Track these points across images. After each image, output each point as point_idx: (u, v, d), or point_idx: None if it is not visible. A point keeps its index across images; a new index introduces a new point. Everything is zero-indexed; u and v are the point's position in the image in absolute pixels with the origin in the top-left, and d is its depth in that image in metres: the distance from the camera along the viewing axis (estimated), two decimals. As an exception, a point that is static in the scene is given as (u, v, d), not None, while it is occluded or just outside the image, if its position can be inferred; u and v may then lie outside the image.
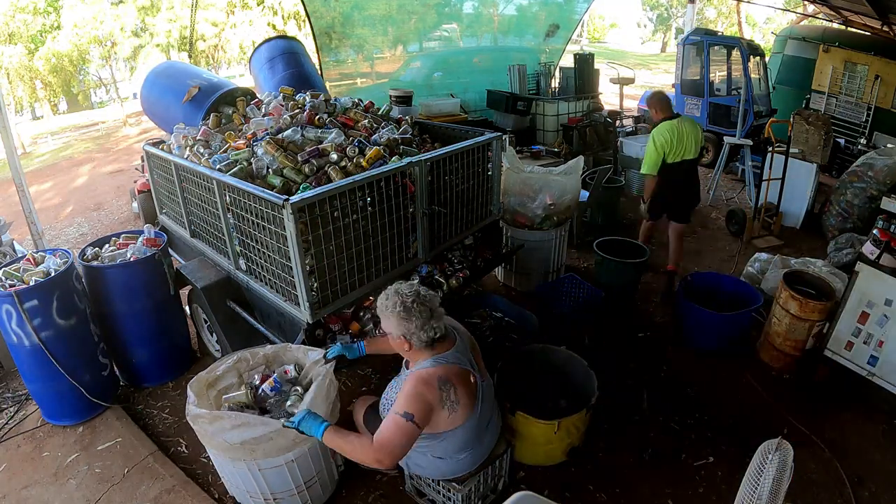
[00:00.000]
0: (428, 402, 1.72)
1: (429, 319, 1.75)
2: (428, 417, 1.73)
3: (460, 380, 1.80)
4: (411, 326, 1.75)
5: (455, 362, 1.82)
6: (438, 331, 1.78)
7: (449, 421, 1.80)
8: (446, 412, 1.77)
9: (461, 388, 1.79)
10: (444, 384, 1.75)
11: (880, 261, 3.09)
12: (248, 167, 2.48)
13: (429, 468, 2.00)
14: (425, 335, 1.76)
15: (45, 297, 2.41)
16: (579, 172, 3.79)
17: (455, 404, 1.77)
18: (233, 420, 1.83)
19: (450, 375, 1.77)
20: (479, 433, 1.95)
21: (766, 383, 2.98)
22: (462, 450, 1.93)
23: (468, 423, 1.85)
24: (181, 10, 14.50)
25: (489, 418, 2.01)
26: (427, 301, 1.78)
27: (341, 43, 5.82)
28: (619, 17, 36.11)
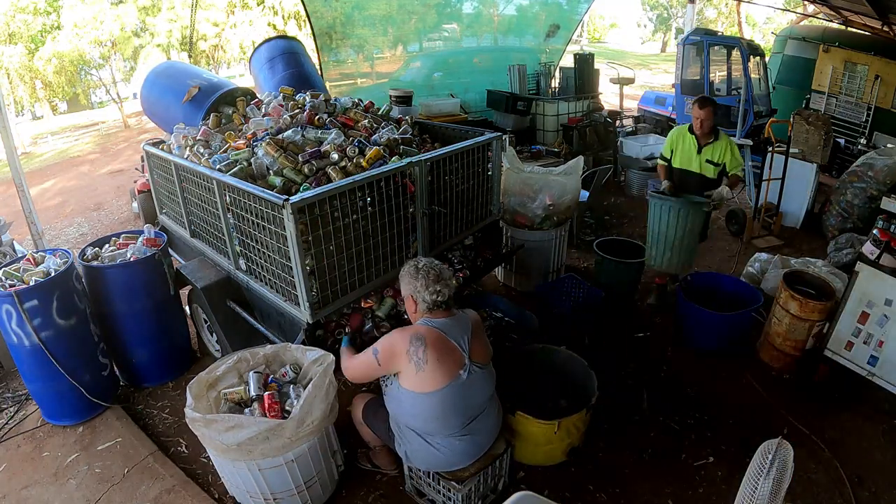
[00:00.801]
0: (394, 348, 1.91)
1: (434, 283, 1.94)
2: (389, 361, 1.92)
3: (437, 345, 1.88)
4: (417, 285, 1.95)
5: (440, 328, 1.93)
6: (441, 296, 1.95)
7: (418, 378, 1.87)
8: (412, 367, 1.87)
9: (434, 352, 1.86)
10: (416, 339, 1.88)
11: (880, 261, 3.09)
12: (248, 167, 2.48)
13: (425, 456, 2.00)
14: (429, 296, 1.94)
15: (45, 297, 2.41)
16: (579, 172, 3.79)
17: (422, 362, 1.86)
18: (227, 422, 1.84)
19: (427, 336, 1.89)
20: (464, 412, 1.95)
21: (766, 383, 2.98)
22: (439, 419, 1.92)
23: (443, 392, 1.88)
24: (181, 10, 14.50)
25: (482, 406, 2.02)
26: (435, 267, 1.99)
27: (341, 43, 5.82)
28: (619, 17, 36.13)
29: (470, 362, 1.94)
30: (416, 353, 1.86)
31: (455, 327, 1.96)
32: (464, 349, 1.94)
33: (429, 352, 1.86)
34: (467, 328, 2.00)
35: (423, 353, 1.85)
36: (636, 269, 3.69)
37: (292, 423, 1.87)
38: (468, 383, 1.93)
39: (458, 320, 2.00)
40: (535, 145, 5.94)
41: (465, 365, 1.93)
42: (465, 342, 1.96)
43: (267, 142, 2.48)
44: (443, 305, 1.97)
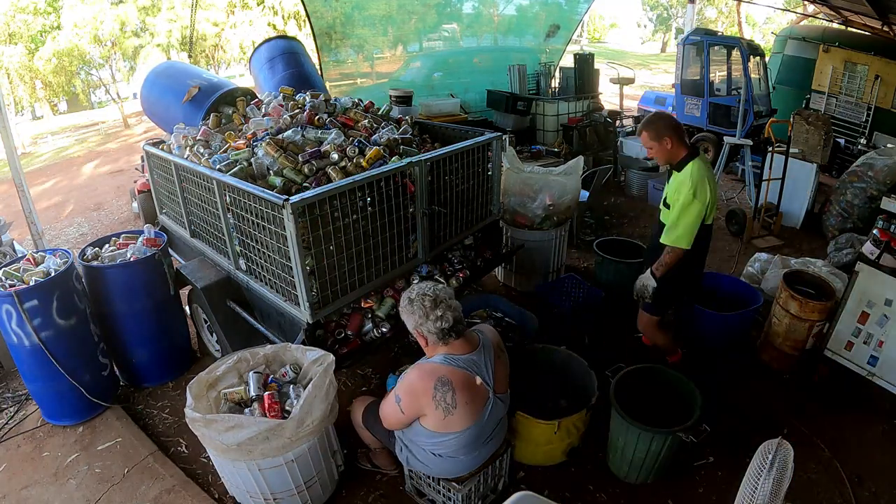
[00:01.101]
0: (417, 396, 1.78)
1: (432, 309, 1.77)
2: (414, 409, 1.81)
3: (464, 385, 1.77)
4: (416, 318, 1.80)
5: (465, 367, 1.80)
6: (446, 321, 1.77)
7: (445, 422, 1.79)
8: (440, 413, 1.77)
9: (462, 394, 1.76)
10: (441, 384, 1.75)
11: (880, 261, 3.09)
12: (248, 167, 2.48)
13: (427, 463, 2.00)
14: (432, 325, 1.78)
15: (45, 297, 2.41)
16: (579, 173, 3.79)
17: (451, 407, 1.76)
18: (226, 422, 1.83)
19: (453, 378, 1.76)
20: (480, 441, 1.95)
21: (766, 383, 2.98)
22: (458, 453, 1.92)
23: (469, 431, 1.84)
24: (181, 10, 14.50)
25: (493, 431, 2.00)
26: (429, 292, 1.81)
27: (341, 43, 5.82)
28: (619, 17, 36.14)
29: (494, 396, 1.87)
30: (444, 400, 1.74)
31: (479, 362, 1.84)
32: (489, 384, 1.84)
33: (457, 396, 1.74)
34: (490, 356, 1.88)
35: (452, 398, 1.74)
36: (636, 269, 3.68)
37: (292, 423, 1.87)
38: (491, 415, 1.89)
39: (482, 351, 1.86)
40: (535, 145, 5.94)
41: (488, 399, 1.85)
42: (490, 375, 1.85)
43: (267, 142, 2.48)
44: (453, 333, 1.80)
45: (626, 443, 2.25)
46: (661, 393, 2.44)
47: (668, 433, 2.15)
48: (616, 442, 2.32)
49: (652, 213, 5.54)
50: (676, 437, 2.17)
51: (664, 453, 2.23)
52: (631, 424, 2.17)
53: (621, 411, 2.21)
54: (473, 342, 1.88)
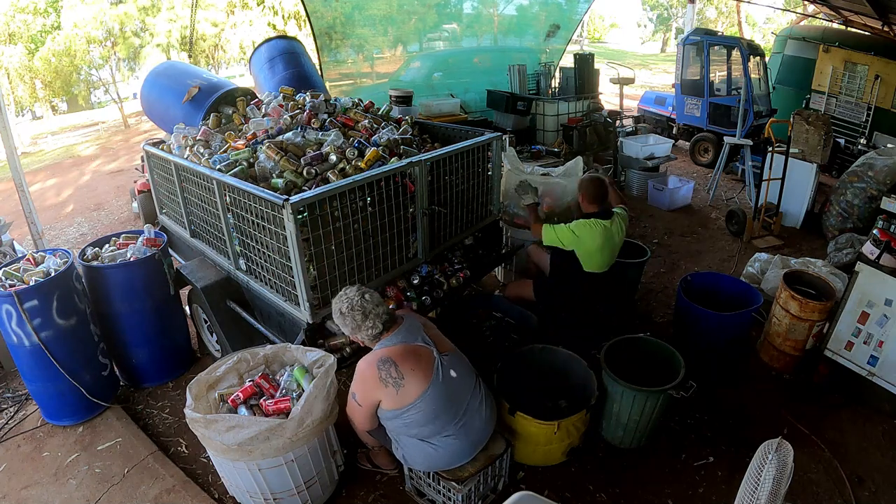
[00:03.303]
0: (366, 382, 1.91)
1: (363, 321, 1.90)
2: (369, 397, 1.93)
3: (405, 355, 1.89)
4: (349, 329, 1.93)
5: (400, 341, 1.93)
6: (376, 329, 1.92)
7: (401, 395, 1.88)
8: (391, 389, 1.87)
9: (405, 364, 1.87)
10: (383, 363, 1.88)
11: (880, 261, 3.09)
12: (248, 168, 2.48)
13: (421, 457, 2.01)
14: (365, 334, 1.93)
15: (45, 297, 2.41)
16: (579, 174, 3.78)
17: (399, 380, 1.86)
18: (227, 422, 1.84)
19: (391, 354, 1.89)
20: (453, 406, 1.95)
21: (766, 383, 2.98)
22: (433, 422, 1.93)
23: (429, 393, 1.89)
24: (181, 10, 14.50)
25: (466, 401, 2.01)
26: (356, 304, 1.90)
27: (341, 43, 5.82)
28: (619, 17, 36.18)
29: (438, 354, 1.96)
30: (390, 375, 1.86)
31: (409, 333, 1.97)
32: (427, 343, 1.97)
33: (402, 368, 1.87)
34: (419, 328, 2.01)
35: (396, 370, 1.86)
36: (636, 269, 3.68)
37: (292, 423, 1.87)
38: (445, 374, 1.94)
39: (409, 326, 2.00)
40: (535, 145, 5.94)
41: (434, 358, 1.94)
42: (425, 339, 1.98)
43: (268, 145, 2.49)
44: (384, 331, 1.95)
45: (621, 407, 2.38)
46: (645, 360, 2.60)
47: (660, 391, 2.32)
48: (610, 409, 2.45)
49: (652, 214, 5.55)
50: (667, 395, 2.33)
51: (656, 413, 2.40)
52: (626, 388, 2.32)
53: (614, 375, 2.35)
54: (399, 323, 2.01)
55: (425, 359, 1.93)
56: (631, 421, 2.41)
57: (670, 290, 3.96)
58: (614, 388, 2.39)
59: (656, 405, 2.37)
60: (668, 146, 6.15)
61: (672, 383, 2.33)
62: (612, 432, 2.52)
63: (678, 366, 2.44)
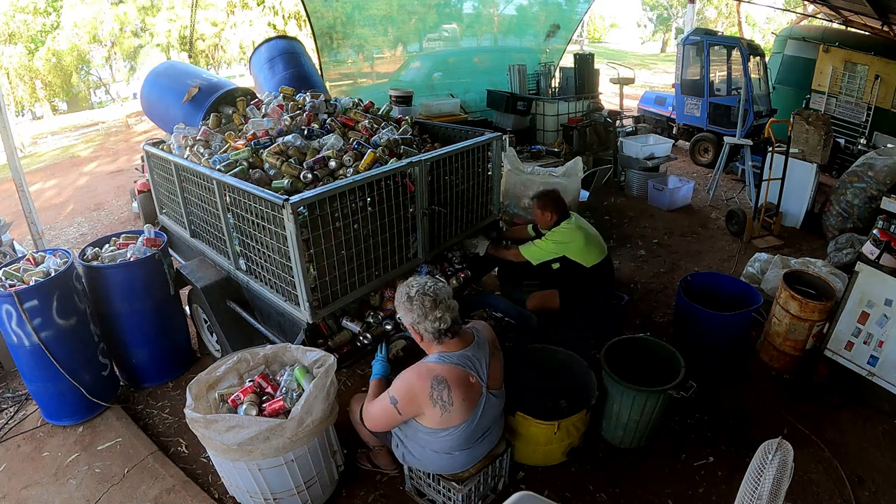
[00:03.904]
0: (414, 395, 1.79)
1: (432, 310, 1.77)
2: (411, 408, 1.82)
3: (459, 382, 1.79)
4: (414, 316, 1.80)
5: (460, 363, 1.82)
6: (444, 322, 1.78)
7: (442, 419, 1.81)
8: (437, 410, 1.78)
9: (458, 391, 1.78)
10: (438, 383, 1.76)
11: (880, 261, 3.09)
12: (248, 168, 2.48)
13: (423, 459, 2.00)
14: (430, 325, 1.78)
15: (45, 297, 2.41)
16: (578, 174, 3.79)
17: (448, 405, 1.77)
18: (227, 422, 1.84)
19: (448, 375, 1.78)
20: (475, 438, 1.95)
21: (766, 383, 2.98)
22: (454, 449, 1.93)
23: (463, 426, 1.85)
24: (181, 10, 14.51)
25: (488, 428, 2.00)
26: (429, 292, 1.80)
27: (342, 43, 5.82)
28: (619, 17, 36.15)
29: (487, 392, 1.87)
30: (441, 398, 1.76)
31: (474, 358, 1.85)
32: (483, 379, 1.86)
33: (454, 393, 1.76)
34: (485, 352, 1.89)
35: (448, 395, 1.76)
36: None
37: (292, 423, 1.87)
38: (486, 411, 1.90)
39: (477, 348, 1.88)
40: (535, 145, 5.94)
41: (482, 396, 1.86)
42: (484, 371, 1.87)
43: (269, 151, 2.49)
44: (450, 334, 1.82)
45: (621, 407, 2.38)
46: (645, 360, 2.60)
47: (660, 392, 2.31)
48: (610, 409, 2.44)
49: (652, 214, 5.55)
50: (667, 395, 2.33)
51: (656, 413, 2.39)
52: (626, 388, 2.32)
53: (614, 375, 2.35)
54: (468, 339, 1.89)
55: (475, 393, 1.83)
56: (631, 421, 2.41)
57: (670, 290, 3.96)
58: (614, 388, 2.39)
59: (656, 405, 2.37)
60: (668, 146, 6.16)
61: (672, 383, 2.33)
62: (612, 432, 2.52)
63: (678, 366, 2.44)
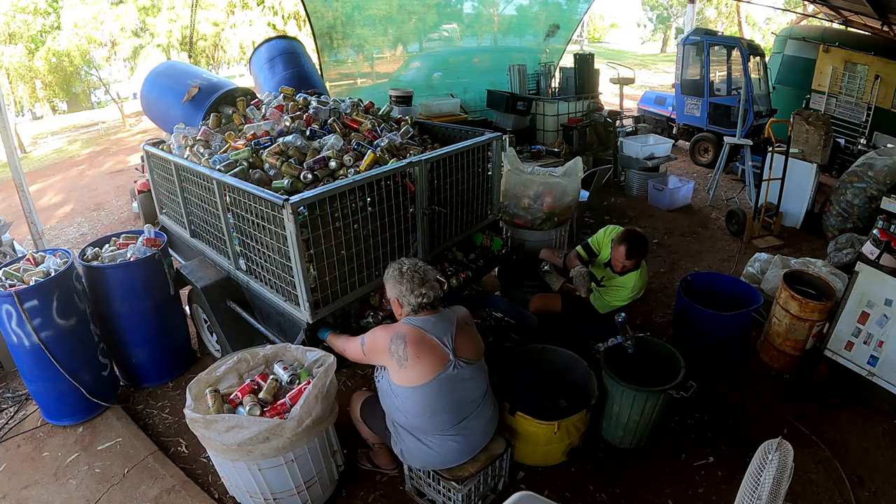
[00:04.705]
0: (377, 344, 1.97)
1: (419, 286, 1.96)
2: (373, 355, 2.00)
3: (417, 342, 1.91)
4: (402, 289, 1.97)
5: (421, 327, 1.95)
6: (426, 298, 1.97)
7: (402, 374, 1.91)
8: (395, 362, 1.91)
9: (412, 348, 1.89)
10: (397, 337, 1.92)
11: (880, 261, 3.09)
12: (248, 168, 2.48)
13: (419, 454, 2.01)
14: (414, 299, 1.97)
15: (45, 297, 2.41)
16: (578, 173, 3.78)
17: (403, 360, 1.89)
18: (227, 423, 1.84)
19: (406, 333, 1.92)
20: (455, 409, 1.95)
21: (766, 383, 2.98)
22: (427, 415, 1.93)
23: (429, 387, 1.89)
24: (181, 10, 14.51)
25: (475, 404, 2.02)
26: (419, 270, 2.00)
27: (341, 43, 5.82)
28: (619, 17, 36.16)
29: (455, 358, 1.94)
30: (397, 351, 1.90)
31: (437, 325, 1.97)
32: (447, 345, 1.94)
33: (408, 349, 1.89)
34: (451, 325, 2.00)
35: (404, 350, 1.89)
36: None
37: (292, 423, 1.87)
38: (455, 379, 1.94)
39: (442, 318, 2.00)
40: (535, 145, 5.93)
41: (449, 360, 1.93)
42: (449, 339, 1.96)
43: (269, 151, 2.49)
44: (427, 307, 1.99)
45: (622, 407, 2.39)
46: (645, 360, 2.61)
47: (660, 392, 2.33)
48: (610, 409, 2.46)
49: (652, 214, 5.55)
50: (667, 395, 2.35)
51: (656, 413, 2.41)
52: (626, 388, 2.34)
53: (614, 375, 2.35)
54: (436, 311, 2.03)
55: (436, 355, 1.92)
56: (631, 421, 2.41)
57: (670, 290, 3.96)
58: (614, 388, 2.39)
59: (656, 405, 2.37)
60: (668, 146, 6.16)
61: (672, 383, 2.34)
62: (612, 432, 2.52)
63: (678, 366, 2.44)
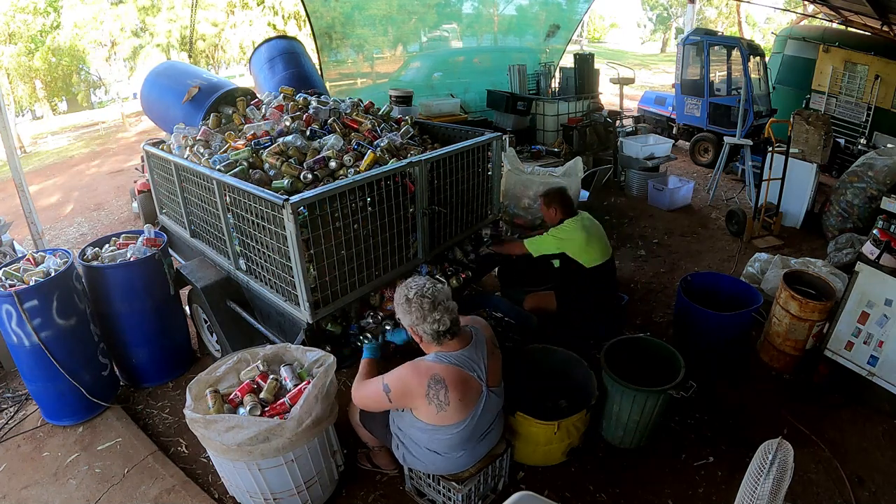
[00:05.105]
0: (409, 391, 1.80)
1: (430, 311, 1.76)
2: (403, 401, 1.84)
3: (457, 382, 1.78)
4: (413, 318, 1.79)
5: (457, 363, 1.81)
6: (443, 324, 1.78)
7: (438, 417, 1.81)
8: (433, 408, 1.79)
9: (455, 392, 1.77)
10: (435, 382, 1.77)
11: (880, 261, 3.09)
12: (248, 168, 2.48)
13: (423, 460, 2.00)
14: (429, 327, 1.78)
15: (45, 297, 2.41)
16: (579, 174, 3.79)
17: (444, 404, 1.77)
18: (227, 423, 1.84)
19: (446, 376, 1.77)
20: (475, 437, 1.95)
21: (766, 383, 2.98)
22: (454, 449, 1.93)
23: (461, 426, 1.84)
24: (181, 10, 14.51)
25: (490, 426, 2.00)
26: (427, 293, 1.79)
27: (341, 43, 5.82)
28: (619, 17, 36.14)
29: (487, 389, 1.88)
30: (437, 397, 1.76)
31: (472, 358, 1.85)
32: (482, 379, 1.85)
33: (451, 394, 1.76)
34: (483, 351, 1.89)
35: (445, 395, 1.76)
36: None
37: (292, 423, 1.87)
38: (486, 408, 1.90)
39: (475, 346, 1.87)
40: (535, 145, 5.93)
41: (482, 393, 1.86)
42: (483, 369, 1.87)
43: (269, 151, 2.49)
44: (449, 335, 1.81)
45: (621, 407, 2.38)
46: (645, 360, 2.61)
47: (660, 392, 2.32)
48: (610, 409, 2.45)
49: (652, 214, 5.55)
50: (667, 395, 2.34)
51: (656, 413, 2.39)
52: (626, 388, 2.33)
53: (614, 375, 2.36)
54: (466, 339, 1.89)
55: (475, 393, 1.83)
56: (631, 421, 2.41)
57: (670, 290, 3.96)
58: (614, 388, 2.39)
59: (656, 405, 2.37)
60: (668, 146, 6.16)
61: (672, 383, 2.33)
62: (612, 432, 2.52)
63: (678, 366, 2.44)
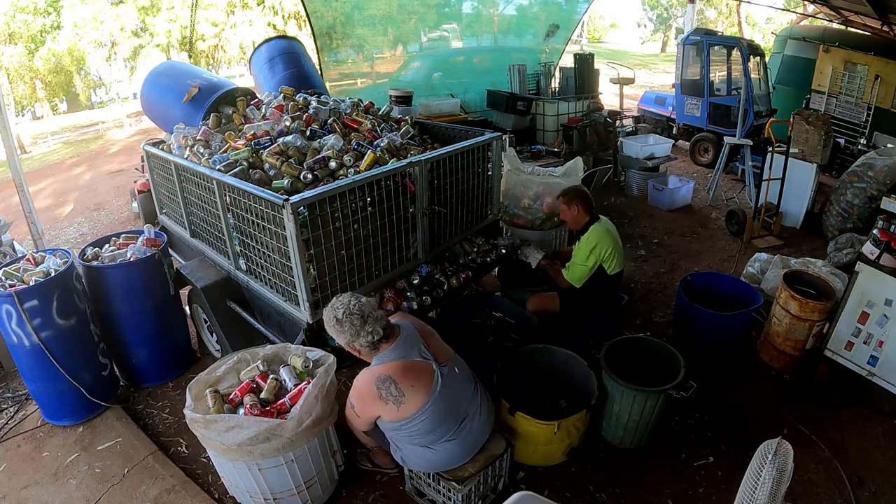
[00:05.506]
0: (364, 398, 1.91)
1: (363, 326, 1.84)
2: (367, 411, 1.94)
3: (403, 372, 1.87)
4: (347, 336, 1.86)
5: (395, 357, 1.90)
6: (376, 335, 1.86)
7: (401, 411, 1.87)
8: (392, 405, 1.86)
9: (405, 381, 1.86)
10: (382, 382, 1.86)
11: (880, 261, 3.09)
12: (248, 168, 2.49)
13: (420, 460, 2.02)
14: (364, 340, 1.86)
15: (45, 297, 2.41)
16: (579, 174, 3.79)
17: (400, 397, 1.85)
18: (227, 422, 1.84)
19: (390, 372, 1.86)
20: (451, 418, 1.95)
21: (766, 383, 2.98)
22: (434, 435, 1.93)
23: (426, 408, 1.88)
24: (181, 10, 14.52)
25: (471, 403, 2.02)
26: (356, 310, 1.84)
27: (341, 43, 5.82)
28: (619, 17, 36.13)
29: (438, 366, 1.94)
30: (391, 393, 1.85)
31: (407, 344, 1.94)
32: (427, 358, 1.94)
33: (402, 385, 1.85)
34: (416, 337, 1.98)
35: (397, 388, 1.84)
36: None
37: (292, 423, 1.87)
38: (445, 385, 1.93)
39: (405, 337, 1.96)
40: (535, 145, 5.93)
41: (434, 372, 1.92)
42: (424, 349, 1.95)
43: (269, 151, 2.49)
44: (383, 340, 1.90)
45: (621, 407, 2.38)
46: (645, 360, 2.61)
47: (660, 392, 2.32)
48: (610, 409, 2.45)
49: (652, 214, 5.55)
50: (667, 395, 2.34)
51: (656, 413, 2.39)
52: (626, 388, 2.33)
53: (614, 375, 2.36)
54: (396, 333, 1.97)
55: (426, 373, 1.90)
56: (631, 421, 2.41)
57: (670, 290, 3.96)
58: (614, 388, 2.39)
59: (656, 405, 2.37)
60: (668, 146, 6.16)
61: (672, 383, 2.34)
62: (612, 432, 2.52)
63: (678, 366, 2.44)
